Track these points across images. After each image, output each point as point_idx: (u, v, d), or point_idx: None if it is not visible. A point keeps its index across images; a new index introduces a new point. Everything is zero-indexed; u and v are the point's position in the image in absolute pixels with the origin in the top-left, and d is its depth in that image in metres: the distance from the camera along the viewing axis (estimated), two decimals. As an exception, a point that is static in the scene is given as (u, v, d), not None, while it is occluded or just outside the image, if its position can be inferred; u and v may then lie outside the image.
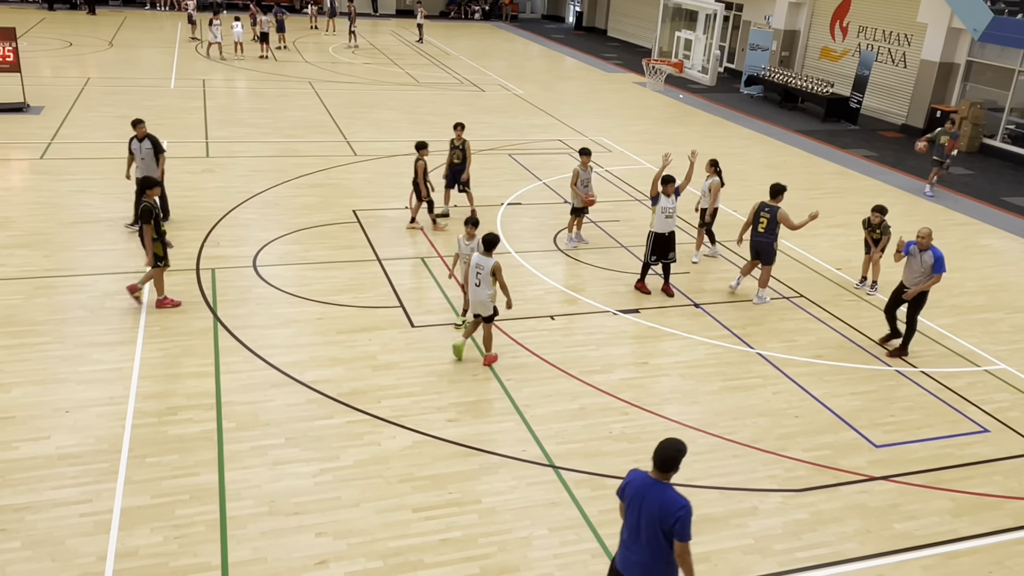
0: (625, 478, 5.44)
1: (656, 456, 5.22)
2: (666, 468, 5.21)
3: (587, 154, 13.27)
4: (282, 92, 24.46)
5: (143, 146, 12.98)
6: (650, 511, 5.19)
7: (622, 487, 5.44)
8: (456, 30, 42.68)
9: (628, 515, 5.38)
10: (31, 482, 7.38)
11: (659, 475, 5.24)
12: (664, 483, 5.24)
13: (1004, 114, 22.47)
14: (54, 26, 33.90)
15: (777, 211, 11.74)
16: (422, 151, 13.51)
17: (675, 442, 5.25)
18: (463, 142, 14.09)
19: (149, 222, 10.37)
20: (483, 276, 9.53)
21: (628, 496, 5.36)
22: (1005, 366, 10.78)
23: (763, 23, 31.32)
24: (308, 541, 6.93)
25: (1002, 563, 7.22)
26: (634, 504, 5.29)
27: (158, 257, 10.59)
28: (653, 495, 5.20)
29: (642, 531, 5.24)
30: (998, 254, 14.97)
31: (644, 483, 5.27)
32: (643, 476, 5.32)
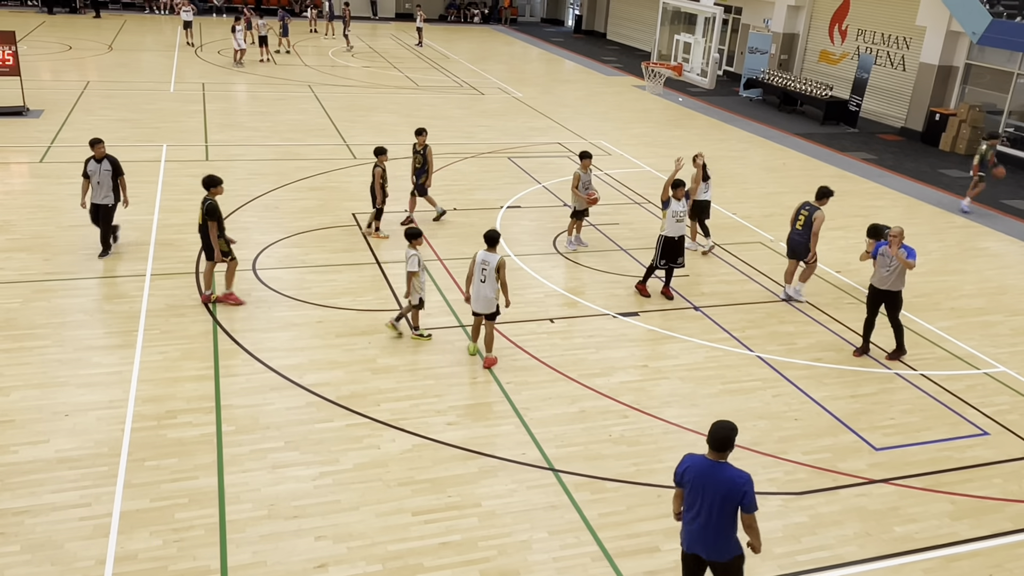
0: (681, 464, 5.73)
1: (712, 438, 5.55)
2: (723, 448, 5.56)
3: (588, 157, 13.27)
4: (281, 95, 24.48)
5: (101, 167, 11.94)
6: (715, 490, 5.55)
7: (680, 473, 5.73)
8: (455, 33, 42.73)
9: (690, 498, 5.69)
10: (30, 486, 7.38)
11: (717, 455, 5.59)
12: (723, 462, 5.60)
13: (1003, 117, 22.49)
14: (54, 30, 33.93)
15: (815, 211, 11.81)
16: (381, 157, 13.31)
17: (727, 423, 5.61)
18: (425, 147, 14.08)
19: (215, 219, 10.57)
20: (488, 273, 9.57)
21: (689, 480, 5.65)
22: (1005, 369, 10.78)
23: (762, 26, 31.37)
24: (307, 545, 6.92)
25: (1002, 566, 7.22)
26: (697, 486, 5.62)
27: (224, 252, 10.82)
28: (716, 475, 5.56)
29: (711, 510, 5.59)
30: (997, 257, 14.98)
31: (704, 465, 5.61)
32: (701, 459, 5.66)
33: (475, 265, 9.64)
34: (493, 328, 9.93)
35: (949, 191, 19.01)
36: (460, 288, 11.92)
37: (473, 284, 9.74)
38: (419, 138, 14.10)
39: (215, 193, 10.80)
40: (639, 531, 7.33)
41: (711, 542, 5.71)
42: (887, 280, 10.42)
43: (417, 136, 14.15)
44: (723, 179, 18.56)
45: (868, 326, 10.78)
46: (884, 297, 10.54)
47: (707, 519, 5.63)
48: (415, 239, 9.99)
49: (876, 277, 10.56)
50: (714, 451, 5.58)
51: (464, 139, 20.72)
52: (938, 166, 21.32)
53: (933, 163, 21.62)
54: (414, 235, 10.01)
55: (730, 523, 5.64)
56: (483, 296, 9.66)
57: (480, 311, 9.80)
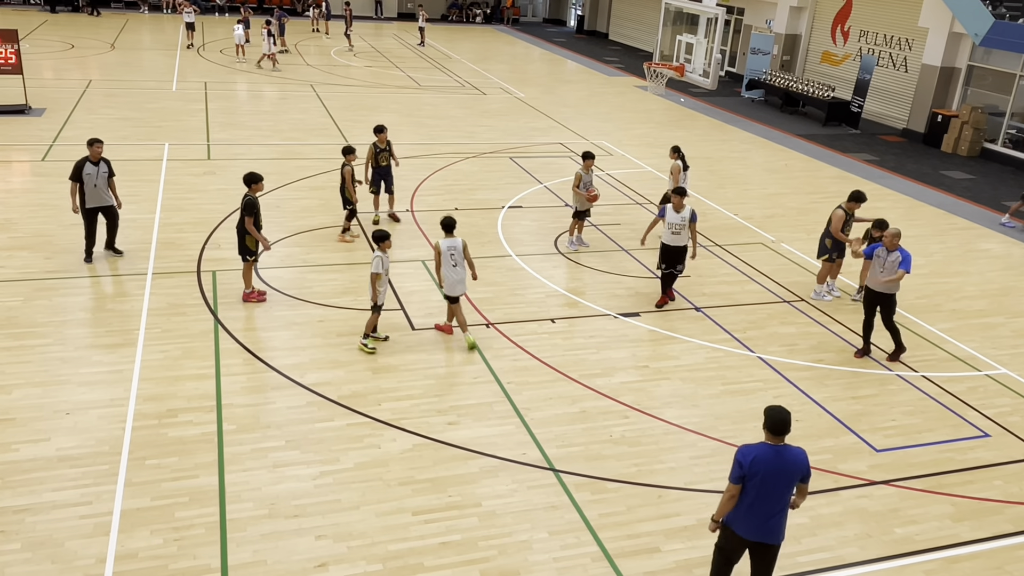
0: (745, 457, 5.81)
1: (772, 422, 5.79)
2: (782, 431, 5.81)
3: (590, 158, 13.27)
4: (283, 95, 24.49)
5: (99, 170, 11.63)
6: (788, 473, 5.81)
7: (748, 465, 5.78)
8: (457, 33, 42.74)
9: (762, 488, 5.80)
10: (31, 484, 7.38)
11: (777, 439, 5.84)
12: (784, 444, 5.86)
13: (1005, 119, 22.47)
14: (56, 28, 33.95)
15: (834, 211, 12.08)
16: (349, 156, 13.09)
17: (781, 407, 5.85)
18: (388, 144, 14.04)
19: (251, 215, 10.65)
20: (458, 256, 10.05)
21: (760, 471, 5.77)
22: (1006, 370, 10.77)
23: (764, 27, 31.35)
24: (308, 544, 6.92)
25: (1003, 568, 7.21)
26: (770, 474, 5.78)
27: (249, 251, 10.88)
28: (786, 458, 5.82)
29: (783, 494, 5.86)
30: (999, 258, 14.96)
31: (772, 452, 5.82)
32: (764, 447, 5.83)
33: (443, 254, 9.99)
34: (458, 307, 10.34)
35: (951, 193, 18.99)
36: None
37: (446, 270, 10.03)
38: (380, 135, 13.99)
39: (256, 190, 10.84)
40: (639, 532, 7.32)
41: (779, 525, 5.97)
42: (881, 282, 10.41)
43: (378, 134, 14.00)
44: (724, 180, 18.57)
45: (867, 327, 10.77)
46: (879, 299, 10.53)
47: (779, 503, 5.87)
48: (383, 242, 9.88)
49: (870, 278, 10.55)
50: (775, 435, 5.81)
51: (466, 139, 20.72)
52: (940, 168, 21.31)
53: (935, 165, 21.61)
54: (381, 238, 9.91)
55: (789, 500, 5.99)
56: (459, 279, 10.10)
57: (456, 294, 10.20)
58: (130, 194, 14.91)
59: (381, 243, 9.90)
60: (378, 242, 9.92)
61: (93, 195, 11.73)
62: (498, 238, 14.03)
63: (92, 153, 11.65)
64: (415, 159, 18.51)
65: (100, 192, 11.79)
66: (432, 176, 17.30)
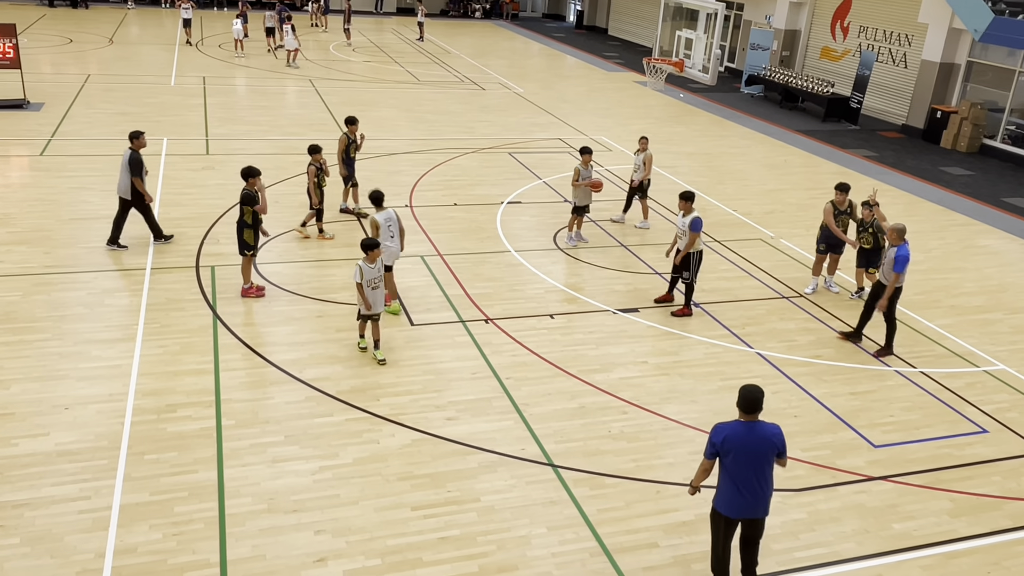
0: (716, 436, 6.01)
1: (745, 401, 5.95)
2: (755, 409, 5.96)
3: (588, 152, 13.26)
4: (282, 90, 24.45)
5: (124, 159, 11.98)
6: (759, 448, 5.98)
7: (719, 443, 5.98)
8: (457, 28, 42.66)
9: (734, 466, 5.99)
10: (30, 479, 7.38)
11: (750, 417, 5.99)
12: (757, 421, 6.01)
13: (1004, 115, 22.46)
14: (54, 22, 33.87)
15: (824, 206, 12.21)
16: (316, 156, 12.86)
17: (754, 386, 6.01)
18: (360, 136, 14.07)
19: (250, 206, 10.73)
20: (395, 227, 10.57)
21: (731, 448, 5.95)
22: (1004, 367, 10.78)
23: (764, 23, 31.31)
24: (307, 539, 6.93)
25: (1000, 563, 7.23)
26: (742, 451, 5.96)
27: (248, 246, 10.87)
28: (758, 434, 5.98)
29: (762, 470, 6.03)
30: (998, 255, 14.97)
31: (743, 429, 5.98)
32: (736, 425, 6.01)
33: (381, 227, 10.33)
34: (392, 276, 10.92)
35: (950, 189, 19.00)
36: (460, 284, 11.94)
37: (384, 242, 10.26)
38: (351, 127, 13.96)
39: (252, 184, 10.84)
40: (638, 527, 7.34)
41: (763, 501, 6.15)
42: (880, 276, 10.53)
43: (349, 125, 13.98)
44: (724, 176, 18.56)
45: (864, 313, 10.92)
46: (877, 289, 10.61)
47: (758, 480, 6.03)
48: (370, 251, 9.39)
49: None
50: (748, 414, 5.97)
51: (465, 134, 20.70)
52: (939, 164, 21.31)
53: (934, 160, 21.61)
54: (369, 246, 9.40)
55: (772, 475, 6.14)
56: (395, 251, 10.64)
57: (391, 263, 10.69)
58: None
59: (368, 252, 9.39)
60: (365, 250, 9.42)
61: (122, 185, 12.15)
62: (497, 234, 14.02)
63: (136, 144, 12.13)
64: (414, 154, 18.50)
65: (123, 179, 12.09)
66: (431, 172, 17.29)
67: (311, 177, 12.92)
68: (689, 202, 11.15)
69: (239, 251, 11.02)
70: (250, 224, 10.81)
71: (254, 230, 10.90)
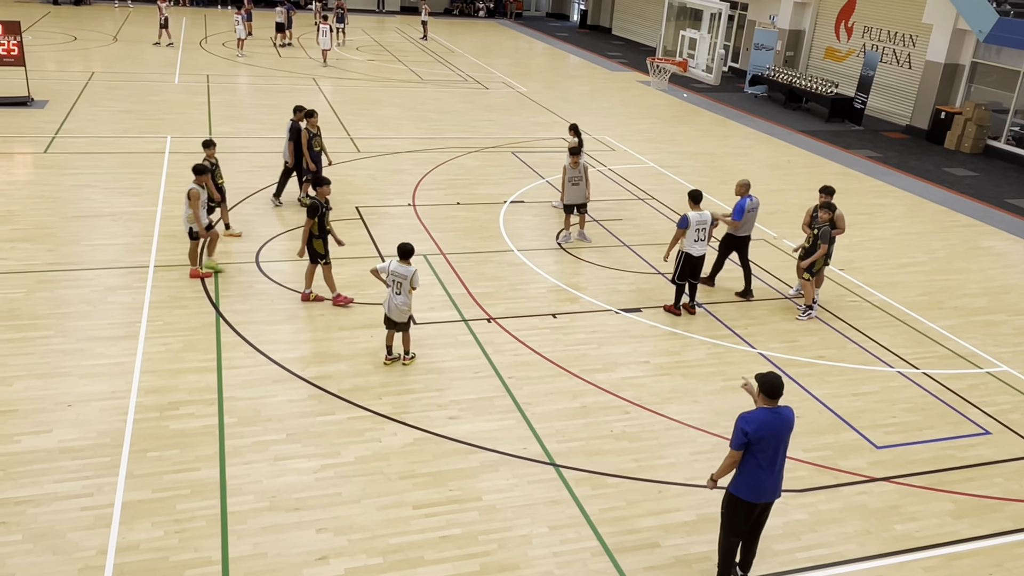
0: (748, 425, 6.08)
1: (769, 388, 6.09)
2: (778, 395, 6.13)
3: (576, 154, 13.37)
4: (286, 88, 24.46)
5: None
6: (785, 432, 6.18)
7: (750, 433, 6.05)
8: (460, 27, 42.66)
9: (767, 452, 6.12)
10: (33, 475, 7.40)
11: (774, 402, 6.15)
12: (780, 406, 6.20)
13: (1009, 116, 22.41)
14: (59, 20, 33.92)
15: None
16: (208, 150, 12.57)
17: (773, 373, 6.17)
18: (318, 129, 14.09)
19: (313, 218, 10.56)
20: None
21: (764, 435, 6.07)
22: (1007, 368, 10.76)
23: (768, 23, 31.28)
24: (309, 537, 6.94)
25: (1003, 565, 7.22)
26: (772, 435, 6.11)
27: (319, 255, 10.81)
28: (783, 419, 6.17)
29: (782, 452, 6.21)
30: (1001, 256, 14.95)
31: (771, 415, 6.13)
32: (764, 412, 6.14)
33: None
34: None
35: (954, 190, 18.96)
36: (463, 283, 11.94)
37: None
38: (310, 120, 13.97)
39: (322, 194, 10.71)
40: (639, 526, 7.33)
41: (781, 482, 6.35)
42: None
43: (308, 118, 13.98)
44: (727, 175, 18.53)
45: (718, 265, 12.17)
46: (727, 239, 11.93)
47: (782, 462, 6.24)
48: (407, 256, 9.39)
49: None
50: (772, 399, 6.12)
51: (468, 133, 20.70)
52: (943, 164, 21.27)
53: (938, 161, 21.57)
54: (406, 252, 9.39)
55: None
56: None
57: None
58: (132, 187, 14.93)
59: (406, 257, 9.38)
60: (402, 255, 9.37)
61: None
62: (500, 233, 14.02)
63: (297, 117, 13.94)
64: (417, 153, 18.50)
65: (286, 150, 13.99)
66: (434, 171, 17.28)
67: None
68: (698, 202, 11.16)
69: (310, 260, 10.90)
70: (317, 234, 10.68)
71: (323, 239, 10.76)
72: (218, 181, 12.62)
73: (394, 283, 9.43)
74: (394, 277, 9.41)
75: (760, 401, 6.21)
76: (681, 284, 11.33)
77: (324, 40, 28.17)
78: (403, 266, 9.38)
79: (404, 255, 9.40)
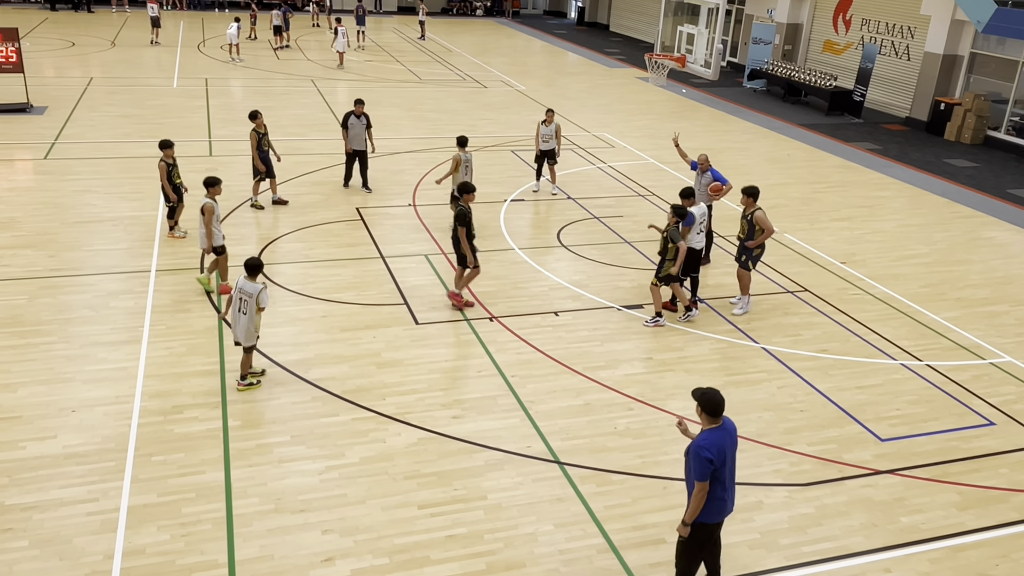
0: (711, 451, 5.73)
1: (712, 407, 5.80)
2: (721, 411, 5.85)
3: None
4: (284, 90, 24.47)
5: (360, 122, 15.00)
6: (735, 444, 5.98)
7: (716, 460, 5.75)
8: (458, 26, 42.64)
9: (724, 470, 5.84)
10: (38, 481, 7.41)
11: (718, 420, 5.86)
12: (723, 419, 5.90)
13: (1008, 106, 22.38)
14: (57, 26, 33.93)
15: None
16: (167, 151, 12.49)
17: (710, 390, 5.88)
18: (266, 129, 14.31)
19: (464, 225, 10.66)
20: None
21: (724, 458, 5.81)
22: (1010, 359, 10.75)
23: (766, 17, 31.24)
24: (314, 538, 6.95)
25: (1009, 556, 7.21)
26: (729, 454, 5.88)
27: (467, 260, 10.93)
28: (730, 432, 5.94)
29: (734, 464, 6.00)
30: (1003, 247, 14.93)
31: (721, 434, 5.84)
32: (717, 433, 5.82)
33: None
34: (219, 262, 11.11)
35: (954, 181, 18.94)
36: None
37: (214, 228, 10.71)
38: (256, 120, 14.09)
39: (468, 200, 10.81)
40: (645, 523, 7.34)
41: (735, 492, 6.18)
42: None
43: (254, 120, 14.11)
44: (727, 170, 18.48)
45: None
46: None
47: (735, 474, 6.04)
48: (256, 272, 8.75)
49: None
50: (717, 416, 5.83)
51: (467, 132, 20.59)
52: (943, 156, 21.24)
53: (938, 153, 21.54)
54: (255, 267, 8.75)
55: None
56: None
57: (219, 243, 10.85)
58: (133, 191, 14.94)
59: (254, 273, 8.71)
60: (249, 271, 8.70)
61: (356, 140, 15.17)
62: (501, 232, 14.02)
63: (356, 109, 15.07)
64: (417, 153, 18.50)
65: (359, 138, 15.17)
66: (434, 170, 17.27)
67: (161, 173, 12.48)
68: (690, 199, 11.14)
69: (459, 264, 11.05)
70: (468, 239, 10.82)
71: (471, 245, 10.87)
72: (175, 181, 12.63)
73: (240, 301, 8.70)
74: (240, 295, 8.69)
75: (705, 422, 5.86)
76: (682, 279, 11.33)
77: (340, 43, 28.16)
78: (250, 283, 8.66)
79: (252, 271, 8.67)
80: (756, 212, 10.97)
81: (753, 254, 11.19)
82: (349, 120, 15.06)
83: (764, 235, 10.92)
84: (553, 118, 15.77)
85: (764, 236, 10.93)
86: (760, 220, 10.91)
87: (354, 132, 15.12)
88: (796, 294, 12.28)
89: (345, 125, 15.11)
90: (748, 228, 11.07)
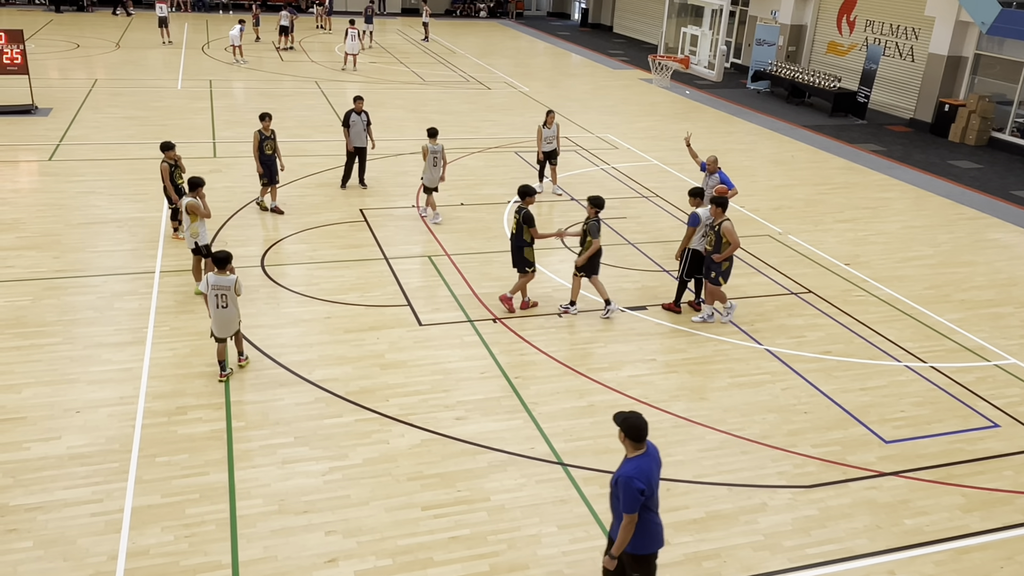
0: (640, 483, 5.44)
1: (635, 433, 5.50)
2: (645, 435, 5.57)
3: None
4: (288, 92, 24.50)
5: (361, 119, 15.17)
6: (659, 468, 5.74)
7: (646, 490, 5.49)
8: (462, 28, 42.67)
9: (651, 496, 5.58)
10: (42, 482, 7.43)
11: (643, 445, 5.58)
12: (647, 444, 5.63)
13: (1013, 107, 22.34)
14: (61, 28, 34.03)
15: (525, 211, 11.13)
16: (168, 153, 12.35)
17: (632, 414, 5.57)
18: (272, 132, 14.12)
19: (532, 225, 10.64)
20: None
21: (653, 486, 5.58)
22: (1015, 360, 10.72)
23: (770, 18, 31.21)
24: (318, 539, 6.95)
25: (1013, 558, 7.19)
26: (656, 479, 5.62)
27: (528, 263, 10.91)
28: (656, 457, 5.70)
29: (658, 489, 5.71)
30: (1008, 248, 14.89)
31: (647, 460, 5.58)
32: (641, 460, 5.55)
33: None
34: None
35: (959, 182, 18.90)
36: (468, 284, 11.95)
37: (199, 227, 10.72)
38: (264, 123, 14.01)
39: (529, 203, 10.77)
40: (648, 525, 7.32)
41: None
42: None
43: (263, 121, 14.03)
44: (731, 172, 18.47)
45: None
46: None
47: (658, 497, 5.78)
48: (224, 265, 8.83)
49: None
50: (641, 441, 5.55)
51: (471, 134, 20.71)
52: (948, 157, 21.21)
53: (943, 154, 21.51)
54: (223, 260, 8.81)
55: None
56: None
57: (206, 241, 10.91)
58: (136, 192, 14.98)
59: (223, 266, 8.80)
60: (219, 265, 8.80)
61: (357, 138, 15.31)
62: (504, 233, 14.02)
63: (356, 106, 15.24)
64: (420, 155, 18.51)
65: (361, 135, 15.32)
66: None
67: (163, 175, 12.35)
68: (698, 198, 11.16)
69: (519, 269, 10.99)
70: (529, 243, 10.79)
71: (533, 247, 10.87)
72: (177, 182, 12.52)
73: (217, 296, 8.80)
74: (216, 291, 8.78)
75: (630, 449, 5.55)
76: (687, 280, 11.33)
77: (352, 44, 28.17)
78: (222, 277, 8.80)
79: (221, 264, 8.78)
80: (724, 223, 10.55)
81: (722, 268, 10.75)
82: (351, 118, 15.16)
83: (730, 248, 10.49)
84: (554, 119, 15.87)
85: (730, 250, 10.52)
86: (727, 232, 10.47)
87: (355, 130, 15.23)
88: (800, 296, 12.27)
89: (347, 123, 15.19)
90: (716, 240, 10.63)
